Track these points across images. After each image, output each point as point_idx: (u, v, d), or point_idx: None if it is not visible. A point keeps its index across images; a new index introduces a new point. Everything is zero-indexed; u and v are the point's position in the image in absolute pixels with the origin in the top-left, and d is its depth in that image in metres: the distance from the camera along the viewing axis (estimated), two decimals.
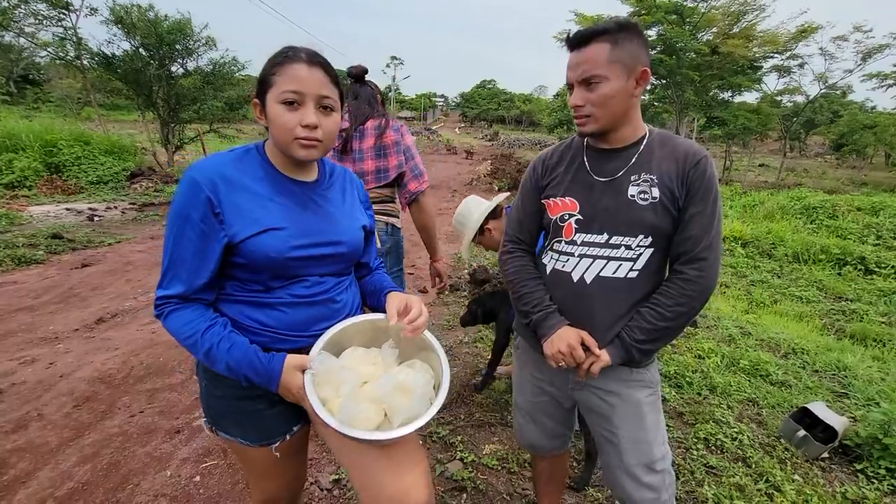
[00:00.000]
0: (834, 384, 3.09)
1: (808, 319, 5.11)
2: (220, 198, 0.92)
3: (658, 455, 1.20)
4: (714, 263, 1.08)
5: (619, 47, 1.02)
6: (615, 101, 1.05)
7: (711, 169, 1.08)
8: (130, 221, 6.55)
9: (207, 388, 1.06)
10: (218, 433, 1.09)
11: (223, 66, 11.05)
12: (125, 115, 21.62)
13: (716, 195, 1.08)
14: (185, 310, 0.94)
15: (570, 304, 1.19)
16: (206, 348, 0.93)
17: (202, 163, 0.96)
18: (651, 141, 1.13)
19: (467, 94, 75.52)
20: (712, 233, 1.07)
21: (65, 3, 9.76)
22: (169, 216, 0.95)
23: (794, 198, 10.70)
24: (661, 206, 1.08)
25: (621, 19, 1.05)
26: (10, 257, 4.47)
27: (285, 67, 0.92)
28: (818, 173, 22.51)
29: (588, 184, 1.16)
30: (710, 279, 1.09)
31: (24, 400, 2.40)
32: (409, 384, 0.98)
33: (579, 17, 14.56)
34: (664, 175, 1.08)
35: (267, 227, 0.95)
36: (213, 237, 0.93)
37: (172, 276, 0.94)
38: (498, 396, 2.63)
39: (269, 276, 0.99)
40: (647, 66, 1.06)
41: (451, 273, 4.96)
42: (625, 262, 1.12)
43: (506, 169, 14.73)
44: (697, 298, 1.09)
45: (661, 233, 1.10)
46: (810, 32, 14.80)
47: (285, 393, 0.98)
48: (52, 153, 8.43)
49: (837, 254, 7.26)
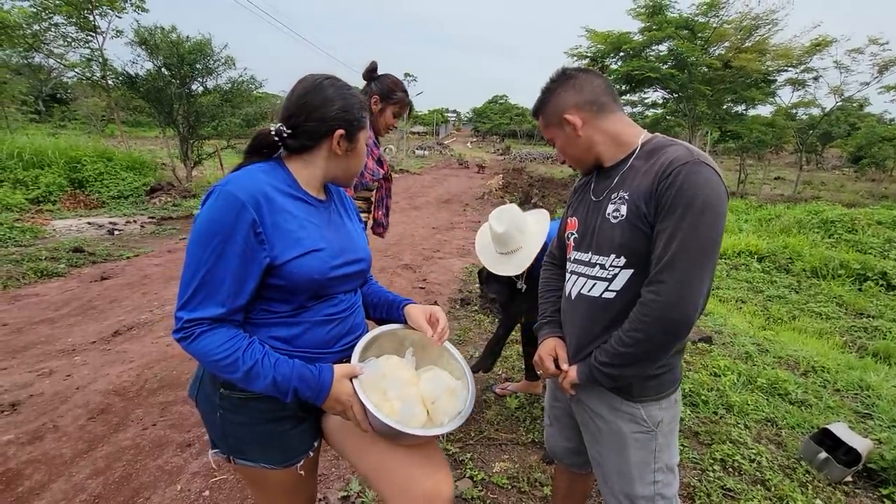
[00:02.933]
0: (856, 404, 2.99)
1: (828, 336, 4.96)
2: (263, 218, 0.91)
3: (641, 492, 1.14)
4: (674, 287, 0.95)
5: (546, 114, 1.17)
6: (570, 150, 1.17)
7: (687, 178, 0.94)
8: (149, 235, 6.70)
9: (225, 417, 1.02)
10: (236, 462, 1.05)
11: (241, 84, 11.35)
12: (146, 131, 22.26)
13: (689, 208, 0.94)
14: (219, 331, 0.91)
15: (565, 318, 1.27)
16: (248, 366, 0.90)
17: (241, 179, 0.93)
18: (639, 155, 1.08)
19: (479, 109, 76.20)
20: (671, 250, 0.95)
21: (93, 25, 10.17)
22: (201, 234, 0.90)
23: (811, 211, 10.50)
24: (627, 223, 1.03)
25: (545, 84, 1.17)
26: (33, 270, 4.60)
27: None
28: (836, 186, 22.09)
29: (586, 204, 1.20)
30: (668, 306, 0.96)
31: (41, 411, 2.45)
32: (453, 386, 1.11)
33: (590, 33, 14.68)
34: (636, 191, 1.02)
35: (310, 248, 0.97)
36: (254, 258, 0.91)
37: (205, 297, 0.90)
38: (509, 413, 2.60)
39: (306, 297, 1.00)
40: (568, 109, 1.11)
41: (461, 287, 4.96)
42: (600, 281, 1.11)
43: (517, 183, 14.78)
44: (653, 325, 0.98)
45: (636, 253, 1.03)
46: (824, 46, 14.69)
47: (333, 403, 0.98)
48: (76, 169, 8.71)
49: (857, 269, 7.08)
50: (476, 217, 9.83)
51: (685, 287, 0.95)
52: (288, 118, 1.00)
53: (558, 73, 1.15)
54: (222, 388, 1.00)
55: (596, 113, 1.11)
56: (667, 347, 1.02)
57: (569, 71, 1.14)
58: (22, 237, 5.83)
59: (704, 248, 0.95)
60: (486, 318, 4.02)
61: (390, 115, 2.19)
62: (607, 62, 14.94)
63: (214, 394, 1.01)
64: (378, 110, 2.14)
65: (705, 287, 0.97)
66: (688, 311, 0.96)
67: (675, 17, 13.95)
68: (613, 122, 1.12)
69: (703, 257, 0.95)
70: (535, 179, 16.06)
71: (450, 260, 6.11)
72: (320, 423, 1.16)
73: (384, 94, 2.12)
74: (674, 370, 1.14)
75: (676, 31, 13.66)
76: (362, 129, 1.05)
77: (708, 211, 0.94)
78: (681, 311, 0.96)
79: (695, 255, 0.94)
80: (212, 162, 12.01)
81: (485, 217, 9.27)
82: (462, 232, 8.12)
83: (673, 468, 1.17)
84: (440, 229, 8.25)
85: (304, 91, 1.00)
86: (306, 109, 0.99)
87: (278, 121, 1.02)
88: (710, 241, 0.95)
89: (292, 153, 1.03)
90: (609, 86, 1.14)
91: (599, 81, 1.12)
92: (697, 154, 0.99)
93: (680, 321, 0.97)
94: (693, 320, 0.98)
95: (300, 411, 1.06)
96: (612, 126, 1.12)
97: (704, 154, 1.00)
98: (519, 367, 3.09)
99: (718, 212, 0.95)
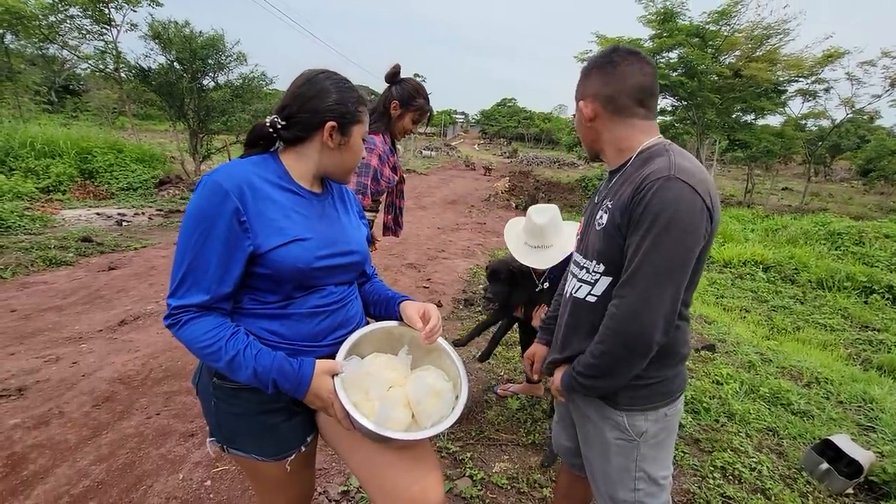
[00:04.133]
0: (859, 417, 2.97)
1: (833, 348, 4.94)
2: (246, 206, 0.92)
3: (623, 497, 1.15)
4: (633, 302, 0.95)
5: (577, 87, 1.15)
6: (579, 132, 1.19)
7: (657, 194, 0.93)
8: (156, 227, 6.75)
9: (219, 406, 1.03)
10: (230, 451, 1.06)
11: (252, 80, 11.42)
12: (156, 124, 22.40)
13: (654, 223, 0.92)
14: (205, 318, 0.93)
15: (560, 316, 1.29)
16: (231, 355, 0.91)
17: (226, 169, 0.95)
18: (634, 163, 1.05)
19: (487, 112, 76.16)
20: (633, 265, 0.95)
21: (108, 18, 10.29)
22: (188, 222, 0.92)
23: (818, 223, 10.42)
24: (605, 232, 1.04)
25: (595, 55, 1.16)
26: (42, 258, 4.65)
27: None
28: (844, 198, 21.91)
29: (590, 207, 1.22)
30: (626, 321, 0.96)
31: (47, 397, 2.48)
32: (438, 388, 1.05)
33: (600, 38, 14.64)
34: (617, 202, 1.01)
35: (294, 237, 0.97)
36: (238, 246, 0.93)
37: (191, 284, 0.92)
38: (510, 414, 2.60)
39: (292, 286, 1.00)
40: (587, 96, 1.10)
41: (465, 287, 4.97)
42: (585, 284, 1.13)
43: (524, 186, 14.77)
44: (612, 338, 0.99)
45: (613, 262, 1.04)
46: (836, 57, 14.56)
47: (313, 398, 0.98)
48: (86, 160, 8.78)
49: (864, 281, 7.03)
50: (481, 219, 9.84)
51: (643, 303, 0.94)
52: (282, 109, 1.02)
53: (608, 50, 1.09)
54: (215, 377, 1.01)
55: (611, 112, 1.07)
56: (629, 362, 1.00)
57: (616, 55, 1.07)
58: (32, 225, 5.89)
59: (668, 266, 0.93)
60: None
61: (409, 122, 2.12)
62: None
63: (209, 383, 1.03)
64: (397, 115, 2.07)
65: (666, 305, 0.95)
66: (645, 327, 0.95)
67: (685, 24, 13.86)
68: (624, 128, 1.08)
69: (665, 274, 0.93)
70: (542, 183, 16.04)
71: (454, 260, 6.12)
72: (315, 418, 1.15)
73: (404, 100, 2.05)
74: (667, 382, 1.10)
75: (687, 39, 13.58)
76: (357, 123, 1.05)
77: (674, 228, 0.92)
78: (638, 327, 0.95)
79: (657, 271, 0.93)
80: (220, 156, 12.06)
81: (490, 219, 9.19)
82: (467, 233, 8.13)
83: (657, 480, 1.14)
84: (445, 230, 8.26)
85: (301, 83, 1.02)
86: (300, 100, 1.00)
87: (273, 112, 1.04)
88: (675, 259, 0.93)
89: (287, 145, 1.04)
90: (644, 88, 1.06)
91: (636, 80, 1.05)
92: (677, 169, 0.95)
93: (637, 336, 0.96)
94: (653, 337, 0.96)
95: (293, 405, 1.05)
96: (620, 131, 1.09)
97: (689, 168, 0.96)
98: (521, 370, 3.10)
99: (685, 229, 0.92)
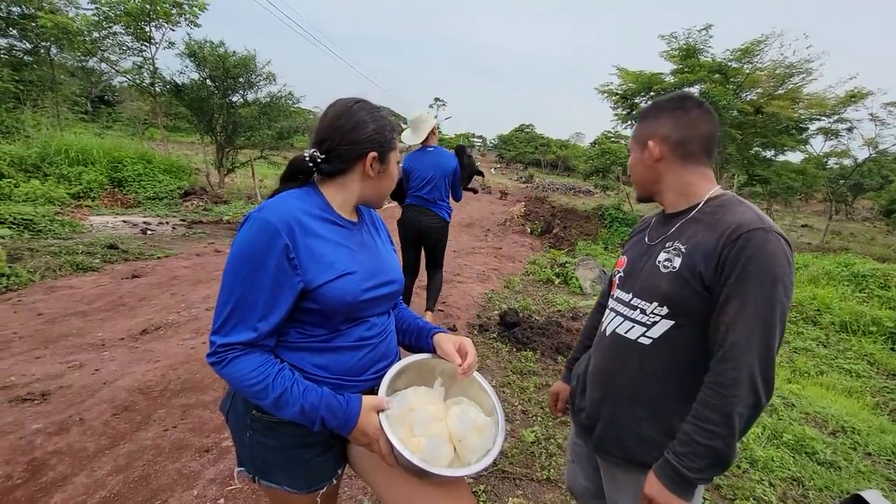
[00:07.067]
0: (889, 471, 2.85)
1: (858, 395, 4.75)
2: (296, 243, 0.93)
3: None
4: (750, 362, 0.91)
5: (639, 126, 1.17)
6: (636, 171, 1.19)
7: (757, 246, 0.92)
8: (179, 237, 6.90)
9: (254, 438, 1.02)
10: (261, 482, 1.05)
11: (280, 99, 11.83)
12: (184, 136, 23.12)
13: (763, 278, 0.91)
14: (251, 356, 0.93)
15: (596, 353, 1.27)
16: (278, 393, 0.91)
17: (275, 206, 0.96)
18: (704, 209, 1.06)
19: (505, 136, 77.04)
20: (743, 322, 0.92)
21: (148, 36, 10.79)
22: (235, 259, 0.92)
23: (841, 263, 10.18)
24: (679, 277, 1.02)
25: (661, 97, 1.16)
26: (70, 263, 4.78)
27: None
28: (866, 238, 21.40)
29: (640, 246, 1.20)
30: (748, 382, 0.91)
31: (69, 403, 2.52)
32: (481, 423, 1.07)
33: (622, 71, 14.84)
34: (695, 247, 1.01)
35: (342, 272, 0.98)
36: (287, 283, 0.93)
37: (237, 322, 0.91)
38: (525, 447, 2.56)
39: (341, 320, 1.01)
40: (656, 137, 1.11)
41: (480, 312, 4.95)
42: (637, 324, 1.11)
43: (539, 212, 14.79)
44: (733, 407, 0.91)
45: (680, 306, 1.02)
46: (860, 98, 14.49)
47: (359, 435, 0.98)
48: (117, 169, 9.13)
49: (891, 327, 6.80)
50: (497, 243, 9.85)
51: (764, 363, 0.92)
52: (321, 143, 1.02)
53: (678, 95, 1.13)
54: (254, 409, 1.01)
55: (680, 156, 1.10)
56: (752, 421, 0.97)
57: (687, 101, 1.11)
58: (61, 230, 6.09)
59: (780, 322, 0.94)
60: (504, 347, 3.99)
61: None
62: (637, 101, 15.01)
63: (246, 414, 1.02)
64: None
65: (773, 360, 0.95)
66: (770, 383, 0.93)
67: (708, 61, 13.99)
68: (690, 174, 1.10)
69: (773, 331, 0.93)
70: (558, 210, 16.03)
71: (469, 285, 6.11)
72: (345, 450, 1.15)
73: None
74: None
75: (709, 75, 13.67)
76: (393, 149, 1.09)
77: (780, 284, 0.92)
78: (763, 385, 0.93)
79: (768, 337, 0.92)
80: (244, 171, 12.39)
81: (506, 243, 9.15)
82: (482, 257, 8.12)
83: None
84: (461, 253, 8.28)
85: (336, 115, 1.03)
86: (339, 133, 1.01)
87: (310, 146, 1.05)
88: (783, 314, 0.94)
89: (326, 177, 1.05)
90: (712, 137, 1.09)
91: (706, 129, 1.09)
92: (768, 221, 0.96)
93: (762, 397, 0.94)
94: (771, 393, 0.95)
95: (329, 439, 1.06)
96: (687, 176, 1.11)
97: (772, 221, 0.98)
98: (536, 400, 3.06)
99: (787, 285, 0.94)
